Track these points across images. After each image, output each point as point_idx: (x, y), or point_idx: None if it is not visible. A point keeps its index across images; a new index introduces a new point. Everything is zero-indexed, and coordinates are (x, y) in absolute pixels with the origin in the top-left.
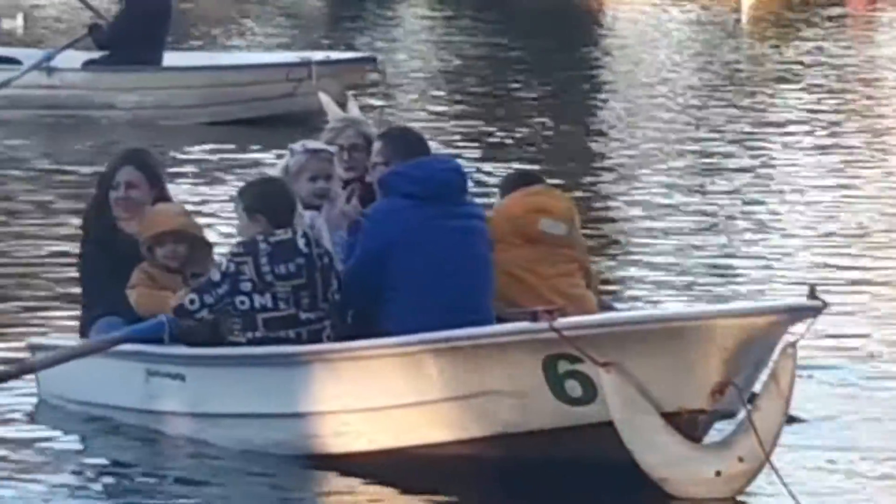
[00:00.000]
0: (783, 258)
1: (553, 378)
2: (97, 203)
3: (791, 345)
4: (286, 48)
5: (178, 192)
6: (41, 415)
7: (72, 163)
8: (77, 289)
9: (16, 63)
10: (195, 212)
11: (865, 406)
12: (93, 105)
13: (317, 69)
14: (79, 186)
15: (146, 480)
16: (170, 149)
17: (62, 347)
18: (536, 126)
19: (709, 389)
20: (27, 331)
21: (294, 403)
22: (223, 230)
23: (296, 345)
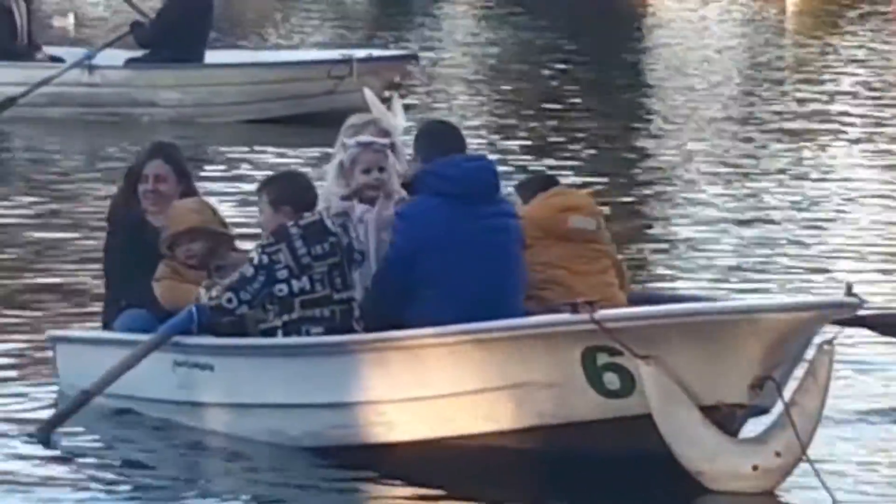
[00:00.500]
0: (828, 255)
1: (591, 370)
2: (124, 196)
3: (828, 341)
4: (330, 46)
5: (219, 190)
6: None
7: (112, 159)
8: (98, 280)
9: (60, 62)
10: (234, 209)
11: None
12: (134, 103)
13: (358, 66)
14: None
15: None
16: (211, 146)
17: (112, 368)
18: (581, 124)
19: (747, 384)
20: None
21: (329, 393)
22: None
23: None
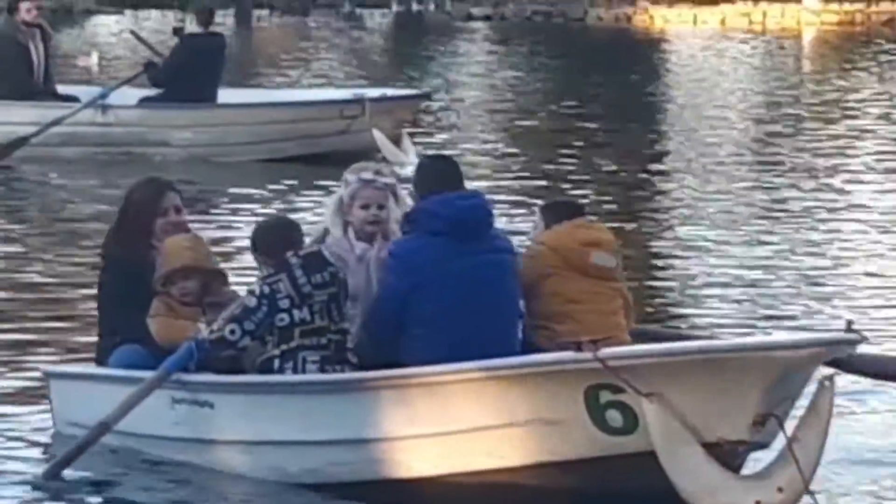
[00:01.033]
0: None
1: (595, 408)
2: (119, 232)
3: (829, 377)
4: (347, 85)
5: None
6: (58, 445)
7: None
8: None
9: (74, 101)
10: (247, 249)
11: None
12: (147, 142)
13: (370, 106)
14: None
15: None
16: (223, 186)
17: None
18: (596, 160)
19: (750, 421)
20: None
21: (331, 431)
22: None
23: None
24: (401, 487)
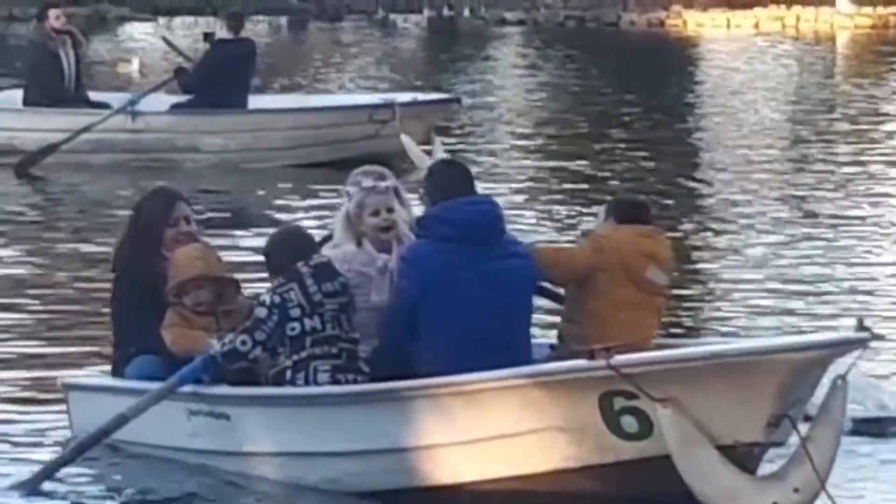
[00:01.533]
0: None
1: (609, 414)
2: (130, 243)
3: (841, 376)
4: (380, 90)
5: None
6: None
7: None
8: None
9: (106, 108)
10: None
11: None
12: (177, 148)
13: (400, 110)
14: None
15: None
16: (253, 191)
17: (143, 397)
18: (630, 161)
19: (764, 422)
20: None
21: (348, 441)
22: None
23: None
24: (419, 497)
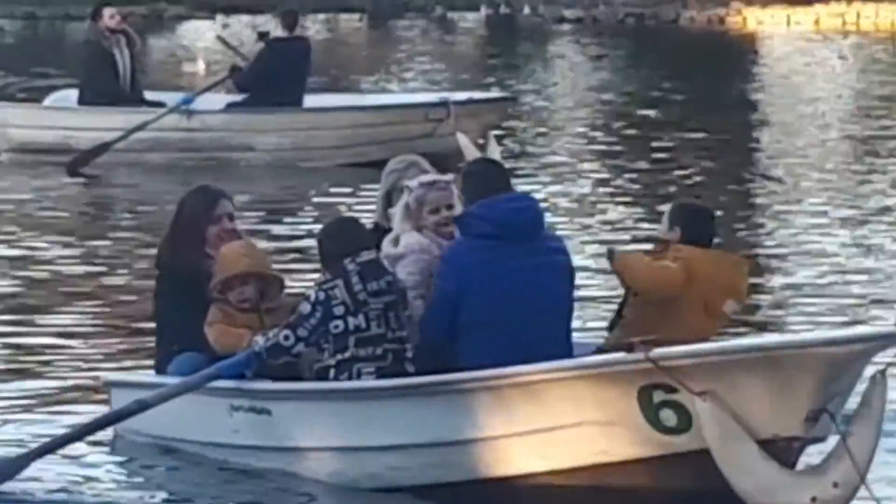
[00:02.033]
0: None
1: (648, 407)
2: (176, 240)
3: (881, 371)
4: (438, 88)
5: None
6: (118, 451)
7: None
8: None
9: (161, 106)
10: None
11: None
12: (232, 147)
13: (455, 109)
14: None
15: None
16: (308, 190)
17: (169, 385)
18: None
19: (803, 417)
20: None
21: (389, 436)
22: None
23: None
24: (458, 491)
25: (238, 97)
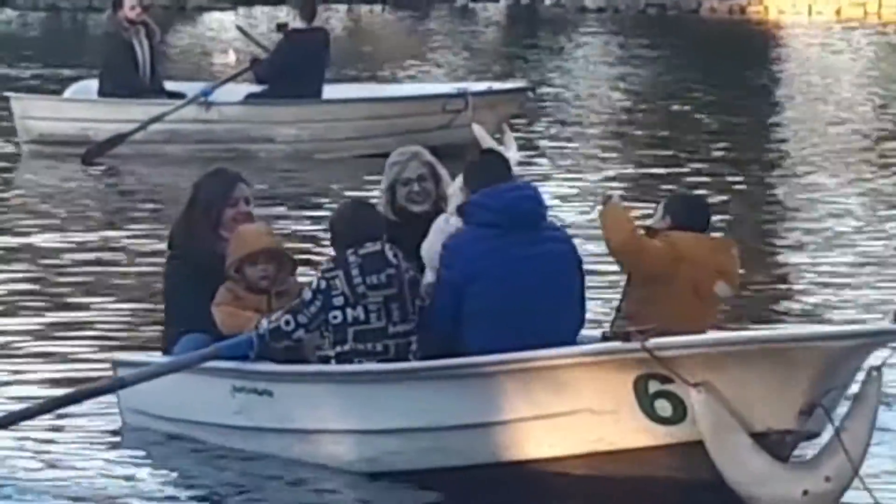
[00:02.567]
0: None
1: (644, 397)
2: (187, 223)
3: (876, 368)
4: (460, 79)
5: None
6: (122, 431)
7: None
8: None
9: (181, 98)
10: None
11: None
12: (251, 139)
13: (473, 100)
14: None
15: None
16: (327, 181)
17: (153, 364)
18: (711, 149)
19: (797, 410)
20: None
21: (389, 420)
22: None
23: (383, 357)
24: (451, 476)
25: (257, 88)
